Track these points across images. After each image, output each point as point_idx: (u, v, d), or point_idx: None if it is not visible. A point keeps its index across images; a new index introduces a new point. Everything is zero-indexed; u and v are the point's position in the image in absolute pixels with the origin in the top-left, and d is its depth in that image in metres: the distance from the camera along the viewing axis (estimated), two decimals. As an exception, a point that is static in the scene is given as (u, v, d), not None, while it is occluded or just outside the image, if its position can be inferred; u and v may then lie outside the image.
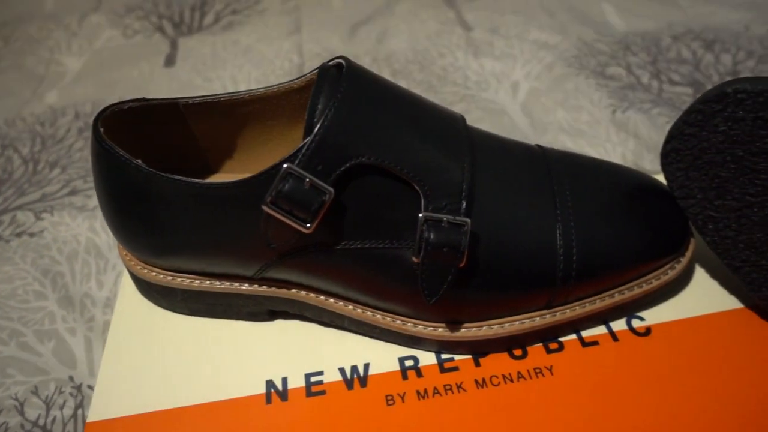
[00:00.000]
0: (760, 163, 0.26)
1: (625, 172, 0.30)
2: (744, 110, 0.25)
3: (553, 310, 0.28)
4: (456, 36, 0.62)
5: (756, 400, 0.26)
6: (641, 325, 0.29)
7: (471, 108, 0.51)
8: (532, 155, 0.29)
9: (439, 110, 0.28)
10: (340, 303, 0.28)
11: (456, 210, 0.25)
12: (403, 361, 0.28)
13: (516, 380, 0.27)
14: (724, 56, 0.54)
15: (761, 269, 0.27)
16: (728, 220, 0.28)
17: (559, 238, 0.27)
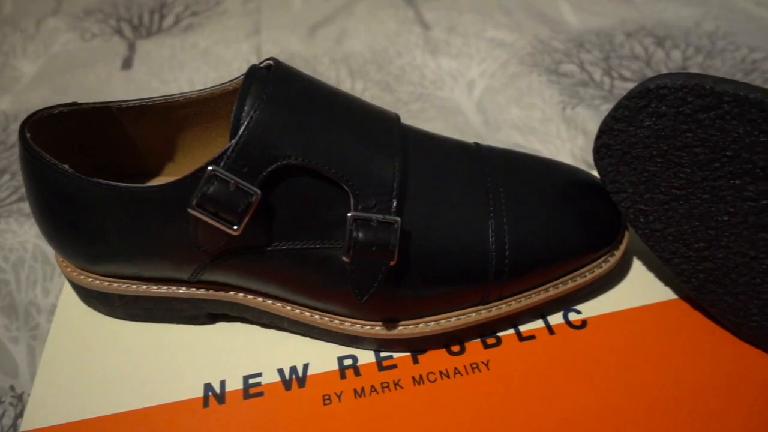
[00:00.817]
0: (683, 157, 0.26)
1: (560, 167, 0.31)
2: (666, 105, 0.26)
3: (489, 305, 0.28)
4: (414, 35, 0.62)
5: (688, 388, 0.26)
6: (577, 318, 0.30)
7: (426, 107, 0.51)
8: (468, 153, 0.30)
9: (371, 110, 0.28)
10: (278, 304, 0.28)
11: (386, 209, 0.25)
12: (342, 360, 0.28)
13: (453, 376, 0.27)
14: (674, 52, 0.55)
15: (689, 260, 0.28)
16: (657, 213, 0.28)
17: (492, 235, 0.27)
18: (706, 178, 0.26)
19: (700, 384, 0.27)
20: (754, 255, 0.26)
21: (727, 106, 0.24)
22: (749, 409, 0.26)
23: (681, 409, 0.26)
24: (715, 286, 0.28)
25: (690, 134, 0.26)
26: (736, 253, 0.26)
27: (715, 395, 0.26)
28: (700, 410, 0.26)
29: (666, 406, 0.26)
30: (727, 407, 0.26)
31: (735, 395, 0.26)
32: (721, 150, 0.25)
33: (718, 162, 0.25)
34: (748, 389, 0.26)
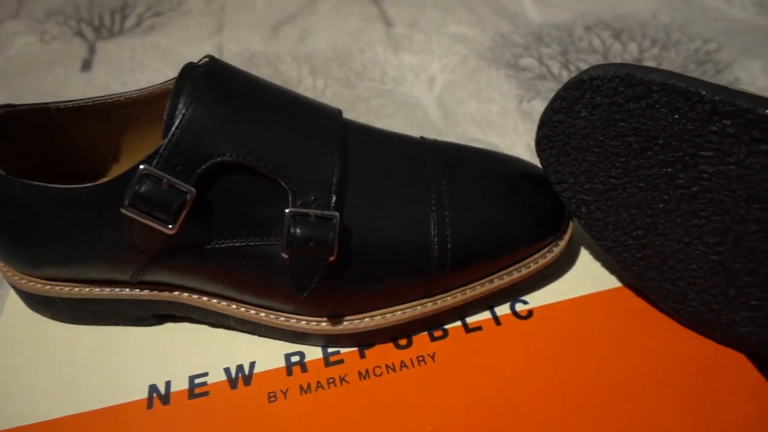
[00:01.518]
0: (619, 147, 0.27)
1: (505, 160, 0.31)
2: (600, 96, 0.26)
3: (434, 298, 0.28)
4: (377, 32, 0.62)
5: (632, 374, 0.27)
6: (524, 308, 0.30)
7: (386, 102, 0.51)
8: (412, 147, 0.30)
9: (311, 105, 0.28)
10: (224, 303, 0.28)
11: (325, 204, 0.25)
12: (289, 357, 0.28)
13: (399, 369, 0.28)
14: (631, 45, 0.55)
15: (629, 248, 0.28)
16: (597, 202, 0.29)
17: (433, 228, 0.27)
18: (640, 167, 0.26)
19: (642, 369, 0.27)
20: (688, 241, 0.26)
21: (656, 95, 0.25)
22: (689, 390, 0.26)
23: (625, 394, 0.26)
24: (654, 273, 0.28)
25: (623, 124, 0.26)
26: (672, 239, 0.27)
27: (657, 379, 0.27)
28: (643, 394, 0.26)
29: (610, 392, 0.26)
30: (668, 389, 0.26)
31: (675, 378, 0.27)
32: (653, 139, 0.25)
33: (650, 150, 0.26)
34: (688, 372, 0.27)
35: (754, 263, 0.25)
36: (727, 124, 0.23)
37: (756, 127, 0.23)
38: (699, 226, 0.26)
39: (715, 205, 0.25)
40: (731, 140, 0.23)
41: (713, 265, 0.26)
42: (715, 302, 0.27)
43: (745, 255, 0.25)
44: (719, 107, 0.23)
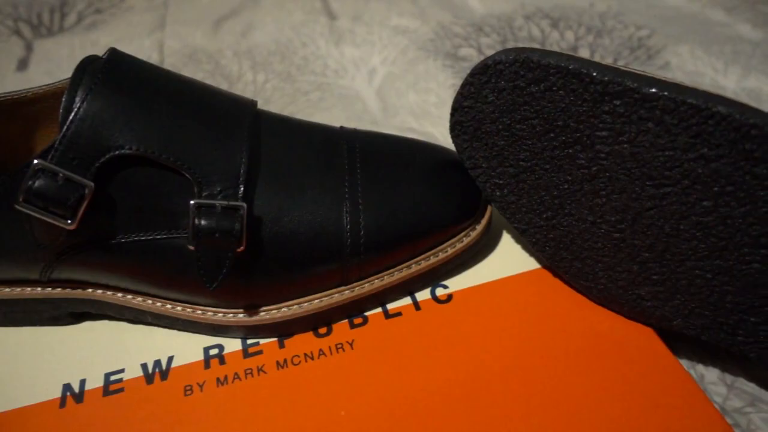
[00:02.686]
0: (524, 130, 0.27)
1: (423, 147, 0.31)
2: (504, 80, 0.27)
3: (351, 285, 0.28)
4: (320, 25, 0.62)
5: (549, 352, 0.27)
6: (444, 292, 0.30)
7: (325, 96, 0.51)
8: (328, 137, 0.30)
9: (221, 97, 0.28)
10: (139, 299, 0.28)
11: (232, 195, 0.25)
12: (208, 350, 0.28)
13: (317, 358, 0.28)
14: (568, 33, 0.56)
15: (541, 229, 0.29)
16: (510, 186, 0.29)
17: (346, 215, 0.27)
18: (545, 149, 0.27)
19: (558, 346, 0.28)
20: (592, 220, 0.27)
21: (553, 78, 0.25)
22: (602, 364, 0.27)
23: (541, 371, 0.27)
24: (565, 252, 0.29)
25: (527, 107, 0.27)
26: (578, 219, 0.27)
27: (572, 355, 0.27)
28: (559, 370, 0.27)
29: (528, 370, 0.27)
30: (583, 364, 0.27)
31: (589, 353, 0.27)
32: (553, 121, 0.26)
33: (552, 132, 0.26)
34: (600, 347, 0.27)
35: (651, 239, 0.26)
36: (617, 104, 0.24)
37: (643, 106, 0.23)
38: (600, 205, 0.26)
39: (613, 184, 0.26)
40: (622, 120, 0.24)
41: (616, 242, 0.27)
42: (621, 279, 0.28)
43: (643, 231, 0.26)
44: (609, 87, 0.24)
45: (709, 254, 0.24)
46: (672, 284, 0.26)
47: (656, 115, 0.23)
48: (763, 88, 0.46)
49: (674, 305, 0.27)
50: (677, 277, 0.26)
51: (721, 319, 0.26)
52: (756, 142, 0.21)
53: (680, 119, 0.23)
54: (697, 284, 0.25)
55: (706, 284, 0.25)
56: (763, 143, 0.21)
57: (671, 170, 0.24)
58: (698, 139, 0.23)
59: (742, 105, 0.22)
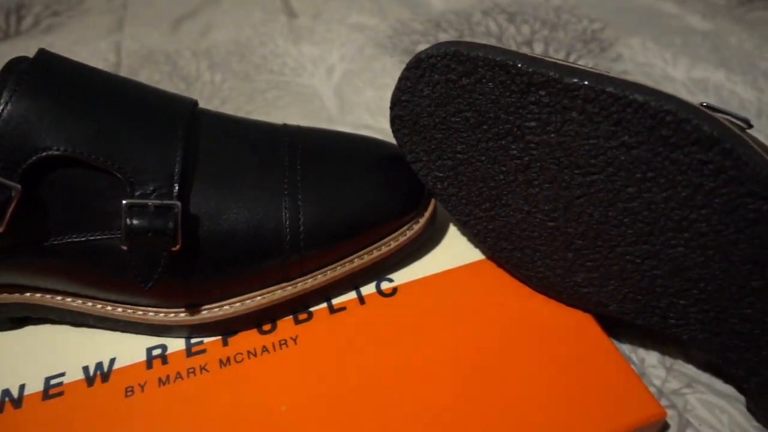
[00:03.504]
0: (459, 123, 0.27)
1: (366, 142, 0.31)
2: (437, 74, 0.27)
3: (293, 281, 0.29)
4: (280, 24, 0.62)
5: (492, 341, 0.28)
6: (389, 286, 0.31)
7: (282, 94, 0.51)
8: (271, 134, 0.30)
9: (157, 96, 0.28)
10: (79, 301, 0.28)
11: (166, 194, 0.25)
12: (150, 350, 0.28)
13: (260, 354, 0.28)
14: (524, 27, 0.57)
15: (481, 221, 0.29)
16: (449, 178, 0.29)
17: (285, 212, 0.27)
18: (479, 141, 0.27)
19: (501, 335, 0.28)
20: (528, 210, 0.27)
21: (481, 70, 0.25)
22: (543, 351, 0.27)
23: (485, 360, 0.27)
24: (505, 243, 0.29)
25: (460, 100, 0.27)
26: (515, 209, 0.28)
27: (514, 343, 0.28)
28: (502, 359, 0.27)
29: (471, 360, 0.27)
30: (525, 352, 0.27)
31: (531, 341, 0.28)
32: (485, 113, 0.26)
33: (485, 124, 0.27)
34: (542, 334, 0.28)
35: (583, 227, 0.26)
36: (542, 94, 0.24)
37: (566, 95, 0.24)
38: (534, 194, 0.27)
39: (544, 174, 0.26)
40: (548, 110, 0.24)
41: (551, 231, 0.27)
42: (558, 266, 0.28)
43: (575, 219, 0.26)
44: (534, 78, 0.24)
45: (636, 240, 0.25)
46: (605, 270, 0.27)
47: (579, 105, 0.24)
48: (711, 78, 0.47)
49: (609, 291, 0.27)
50: (609, 263, 0.26)
51: (653, 303, 0.26)
52: (671, 128, 0.22)
53: (601, 108, 0.23)
54: (628, 269, 0.26)
55: (636, 269, 0.26)
56: (678, 129, 0.22)
57: (596, 158, 0.24)
58: (619, 127, 0.23)
59: (657, 92, 0.22)
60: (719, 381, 0.29)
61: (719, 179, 0.22)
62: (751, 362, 0.26)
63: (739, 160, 0.21)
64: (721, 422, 0.27)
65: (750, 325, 0.25)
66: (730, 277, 0.24)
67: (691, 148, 0.22)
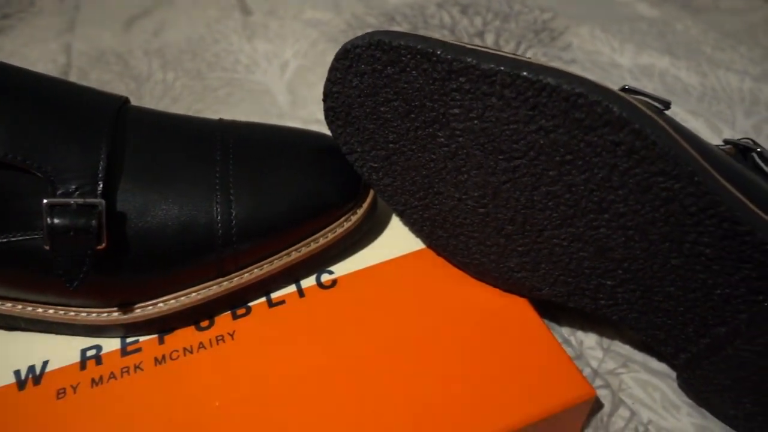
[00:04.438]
0: (388, 112, 0.28)
1: (302, 134, 0.31)
2: (364, 64, 0.27)
3: (229, 277, 0.28)
4: (234, 21, 0.61)
5: (431, 329, 0.28)
6: (329, 278, 0.31)
7: (234, 91, 0.51)
8: (203, 130, 0.30)
9: (83, 94, 0.27)
10: (8, 304, 0.27)
11: (90, 192, 0.25)
12: (85, 351, 0.28)
13: (196, 351, 0.28)
14: (476, 19, 0.57)
15: (417, 210, 0.30)
16: (384, 168, 0.29)
17: (217, 207, 0.27)
18: (409, 130, 0.27)
19: (440, 323, 0.28)
20: (458, 197, 0.28)
21: (405, 59, 0.26)
22: (482, 336, 0.27)
23: (425, 349, 0.27)
24: (441, 231, 0.29)
25: (387, 89, 0.27)
26: (447, 197, 0.28)
27: (454, 330, 0.28)
28: (442, 346, 0.27)
29: (410, 347, 0.27)
30: (463, 338, 0.27)
31: (469, 327, 0.28)
32: (411, 101, 0.26)
33: (413, 113, 0.27)
34: (480, 319, 0.28)
35: (511, 212, 0.26)
36: (462, 81, 0.24)
37: (484, 81, 0.24)
38: (464, 181, 0.27)
39: (471, 160, 0.26)
40: (470, 96, 0.25)
41: (482, 217, 0.27)
42: (492, 252, 0.28)
43: (503, 205, 0.26)
44: (454, 65, 0.24)
45: (561, 222, 0.25)
46: (535, 254, 0.27)
47: (497, 90, 0.24)
48: (656, 64, 0.48)
49: (540, 275, 0.27)
50: (539, 247, 0.27)
51: (583, 285, 0.27)
52: (583, 110, 0.22)
53: (518, 93, 0.23)
54: (557, 253, 0.26)
55: (564, 252, 0.26)
56: (590, 111, 0.22)
57: (517, 143, 0.24)
58: (536, 111, 0.23)
59: (569, 75, 0.22)
60: (654, 359, 0.30)
61: (632, 159, 0.22)
62: (679, 339, 0.26)
63: (648, 140, 0.22)
64: (654, 399, 0.28)
65: (674, 302, 0.25)
66: (651, 256, 0.24)
67: (603, 129, 0.22)
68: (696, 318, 0.25)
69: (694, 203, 0.22)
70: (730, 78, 0.46)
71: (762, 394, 0.25)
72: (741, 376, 0.25)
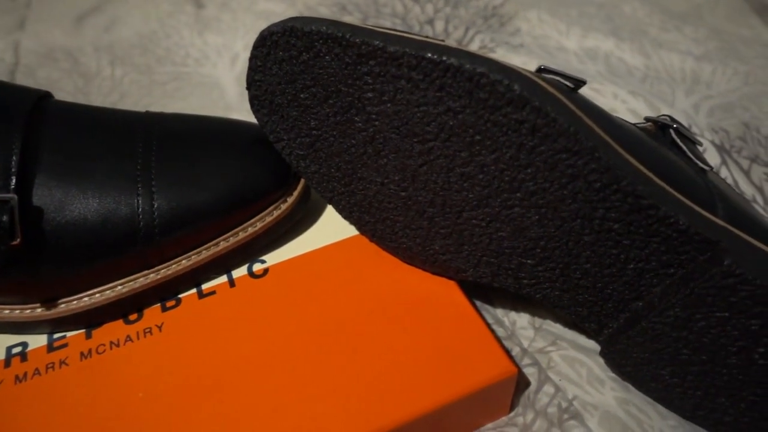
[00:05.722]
0: (308, 99, 0.27)
1: (229, 123, 0.31)
2: (282, 51, 0.27)
3: (156, 269, 0.28)
4: (186, 15, 0.61)
5: (364, 314, 0.28)
6: (260, 267, 0.31)
7: (183, 85, 0.51)
8: (128, 122, 0.29)
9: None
10: (-71, 303, 0.27)
11: (3, 188, 0.25)
12: (11, 349, 0.28)
13: (123, 344, 0.28)
14: (428, 6, 0.57)
15: (344, 196, 0.30)
16: (310, 156, 0.29)
17: (138, 199, 0.27)
18: (328, 116, 0.27)
19: (373, 308, 0.28)
20: (381, 182, 0.28)
21: (318, 44, 0.25)
22: (409, 319, 0.28)
23: (358, 334, 0.27)
24: (368, 216, 0.29)
25: (305, 75, 0.27)
26: (370, 182, 0.28)
27: (385, 314, 0.28)
28: (374, 330, 0.27)
29: (338, 335, 0.27)
30: (396, 322, 0.27)
31: (398, 310, 0.28)
32: (328, 86, 0.26)
33: (331, 99, 0.27)
34: (409, 303, 0.28)
35: (431, 194, 0.26)
36: (372, 64, 0.24)
37: (393, 64, 0.24)
38: (384, 165, 0.27)
39: (389, 144, 0.26)
40: (381, 80, 0.25)
41: (404, 201, 0.27)
42: (417, 236, 0.28)
43: (423, 188, 0.27)
44: (363, 49, 0.24)
45: (478, 203, 0.25)
46: (458, 236, 0.27)
47: (405, 72, 0.24)
48: (601, 47, 0.48)
49: (464, 256, 0.28)
50: (460, 229, 0.27)
51: (505, 265, 0.27)
52: (486, 90, 0.22)
53: (424, 74, 0.23)
54: (477, 233, 0.26)
55: (483, 232, 0.26)
56: (493, 91, 0.22)
57: (429, 125, 0.24)
58: (443, 92, 0.23)
59: (472, 55, 0.23)
60: (582, 337, 0.30)
61: (536, 137, 0.22)
62: (600, 315, 0.27)
63: (548, 117, 0.22)
64: (580, 375, 0.28)
65: (592, 278, 0.26)
66: (565, 234, 0.25)
67: (506, 108, 0.22)
68: (614, 293, 0.26)
69: (597, 179, 0.22)
70: (672, 58, 0.46)
71: (678, 366, 0.25)
72: (657, 349, 0.25)
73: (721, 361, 0.24)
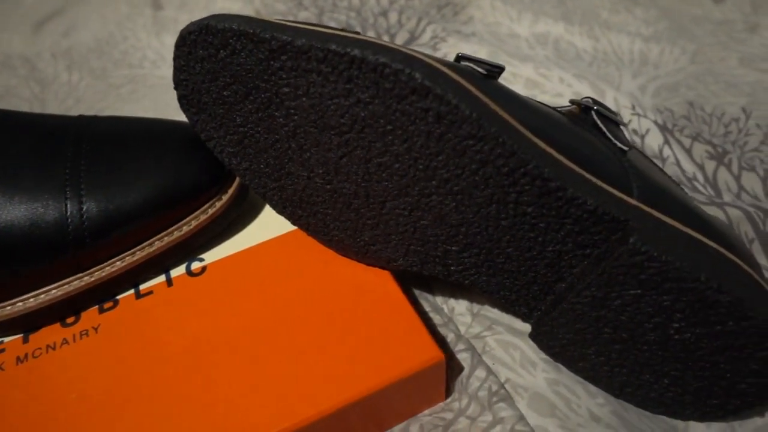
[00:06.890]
0: (231, 96, 0.28)
1: (162, 123, 0.31)
2: (201, 49, 0.27)
3: (89, 271, 0.28)
4: (144, 17, 0.61)
5: (301, 307, 0.28)
6: (198, 265, 0.31)
7: (138, 88, 0.51)
8: (58, 127, 0.30)
9: None
10: None
11: (-76, 197, 0.25)
12: (-52, 356, 0.28)
13: (59, 347, 0.28)
14: None
15: (276, 191, 0.30)
16: (240, 153, 0.30)
17: (66, 203, 0.27)
18: (251, 112, 0.27)
19: (310, 300, 0.28)
20: (307, 175, 0.28)
21: (232, 42, 0.26)
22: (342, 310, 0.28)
23: (287, 329, 0.27)
24: (300, 210, 0.30)
25: (225, 73, 0.27)
26: (297, 176, 0.28)
27: (322, 306, 0.28)
28: (310, 322, 0.27)
29: (273, 330, 0.27)
30: (325, 313, 0.28)
31: (333, 302, 0.28)
32: (247, 83, 0.26)
33: (252, 95, 0.27)
34: (344, 294, 0.29)
35: (354, 186, 0.27)
36: (284, 59, 0.24)
37: (302, 58, 0.24)
38: (308, 159, 0.27)
39: (309, 138, 0.26)
40: (294, 74, 0.25)
41: (330, 193, 0.28)
42: (347, 228, 0.29)
43: (346, 180, 0.27)
44: (273, 44, 0.24)
45: (398, 193, 0.26)
46: (384, 226, 0.27)
47: (315, 66, 0.24)
48: (551, 31, 0.48)
49: (393, 246, 0.28)
50: (386, 219, 0.27)
51: (432, 253, 0.27)
52: (391, 80, 0.22)
53: (332, 67, 0.23)
54: (402, 223, 0.27)
55: (407, 221, 0.27)
56: (397, 80, 0.22)
57: (343, 117, 0.25)
58: (352, 84, 0.24)
59: (375, 45, 0.23)
60: (518, 321, 0.30)
61: (442, 125, 0.23)
62: (528, 298, 0.27)
63: (451, 104, 0.22)
64: (513, 359, 0.28)
65: (515, 262, 0.26)
66: (483, 219, 0.25)
67: (411, 97, 0.22)
68: (538, 276, 0.26)
69: (504, 163, 0.23)
70: (621, 40, 0.46)
71: (602, 345, 0.26)
72: (580, 329, 0.26)
73: (641, 338, 0.24)
